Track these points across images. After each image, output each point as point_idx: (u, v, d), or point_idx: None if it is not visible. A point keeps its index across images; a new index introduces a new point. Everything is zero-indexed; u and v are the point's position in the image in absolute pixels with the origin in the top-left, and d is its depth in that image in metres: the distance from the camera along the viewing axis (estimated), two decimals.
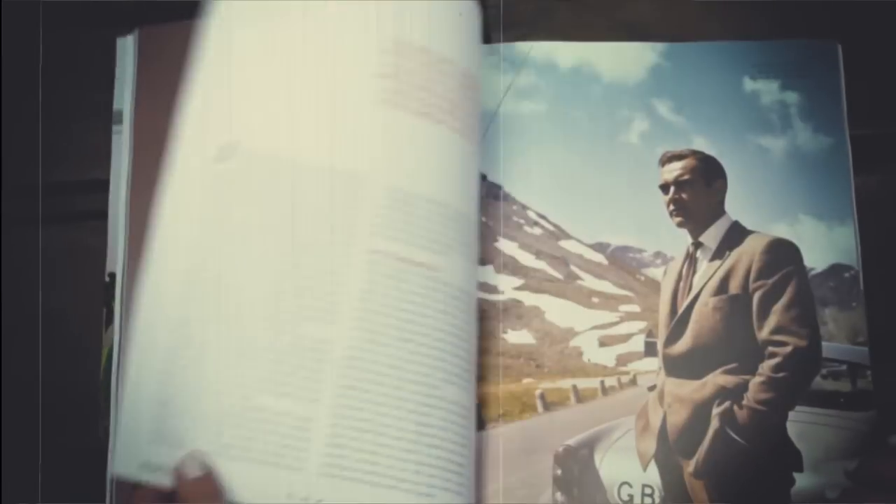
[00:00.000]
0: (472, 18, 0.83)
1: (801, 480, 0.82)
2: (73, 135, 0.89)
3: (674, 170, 0.86)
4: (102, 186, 0.84)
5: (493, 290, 0.86)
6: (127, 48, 0.88)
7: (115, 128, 0.84)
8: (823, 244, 0.86)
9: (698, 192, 0.86)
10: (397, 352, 0.76)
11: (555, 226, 0.87)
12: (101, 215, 0.84)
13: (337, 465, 0.74)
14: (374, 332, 0.75)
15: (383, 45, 0.80)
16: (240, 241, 0.76)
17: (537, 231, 0.88)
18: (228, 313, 0.76)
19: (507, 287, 0.87)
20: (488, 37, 0.91)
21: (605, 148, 0.88)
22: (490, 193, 0.87)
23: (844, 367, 0.84)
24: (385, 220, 0.77)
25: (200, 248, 0.77)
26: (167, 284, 0.76)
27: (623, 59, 0.90)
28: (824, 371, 0.84)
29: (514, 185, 0.88)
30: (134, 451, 0.75)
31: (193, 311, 0.76)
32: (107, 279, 0.83)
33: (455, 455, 0.77)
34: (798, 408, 0.82)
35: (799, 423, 0.82)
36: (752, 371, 0.83)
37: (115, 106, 0.85)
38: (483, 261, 0.87)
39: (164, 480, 0.73)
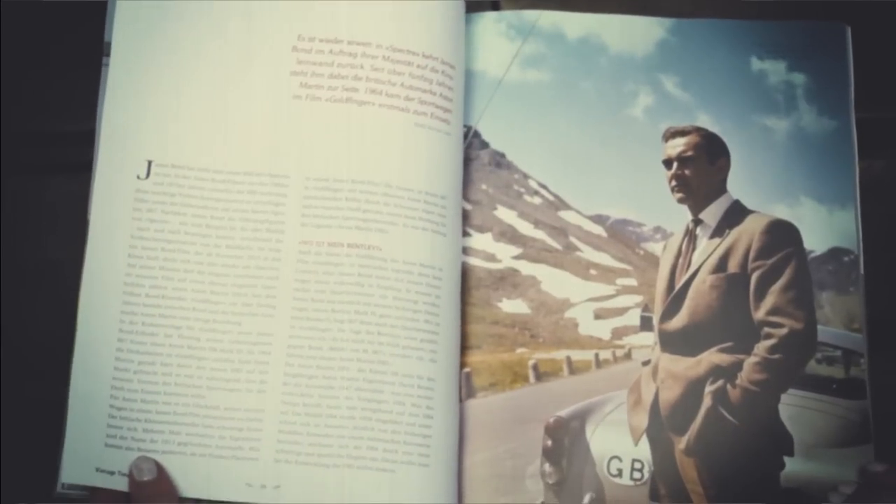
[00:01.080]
0: None
1: (792, 465, 0.81)
2: (69, 85, 0.88)
3: (677, 146, 0.86)
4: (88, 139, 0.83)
5: (490, 257, 0.86)
6: None
7: (105, 60, 0.83)
8: (823, 227, 0.86)
9: (701, 170, 0.86)
10: (339, 334, 0.78)
11: (555, 196, 0.87)
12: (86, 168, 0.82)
13: (291, 451, 0.77)
14: (312, 318, 0.79)
15: (293, 43, 0.83)
16: (174, 250, 0.79)
17: (537, 200, 0.87)
18: (171, 320, 0.78)
19: (504, 255, 0.86)
20: (497, 3, 0.91)
21: (609, 120, 0.88)
22: (492, 161, 0.87)
23: (839, 352, 0.84)
24: (312, 209, 0.80)
25: (135, 261, 0.79)
26: (107, 298, 0.79)
27: (631, 33, 0.89)
28: (819, 355, 0.83)
29: (517, 153, 0.88)
30: (87, 457, 0.77)
31: (137, 321, 0.78)
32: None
33: (417, 427, 0.78)
34: (791, 391, 0.82)
35: (791, 407, 0.82)
36: (748, 351, 0.82)
37: (106, 38, 0.83)
38: (481, 228, 0.87)
39: (120, 485, 0.76)
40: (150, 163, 0.81)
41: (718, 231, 0.85)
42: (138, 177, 0.80)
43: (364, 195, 0.80)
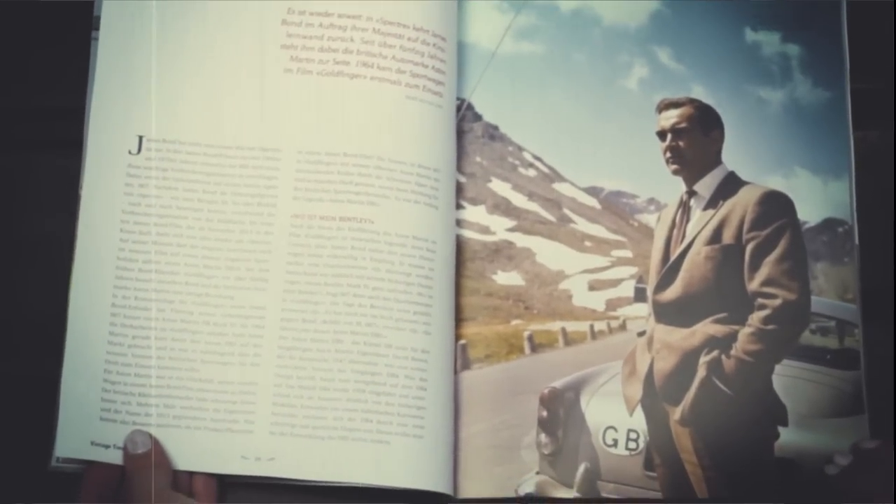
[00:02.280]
0: None
1: (786, 435, 0.81)
2: (59, 60, 0.88)
3: (671, 117, 0.86)
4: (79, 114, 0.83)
5: (484, 230, 0.86)
6: None
7: (94, 34, 0.83)
8: (818, 198, 0.86)
9: (695, 141, 0.86)
10: (332, 307, 0.79)
11: (549, 168, 0.87)
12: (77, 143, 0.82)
13: (286, 423, 0.77)
14: (305, 292, 0.79)
15: (283, 16, 0.83)
16: (166, 225, 0.80)
17: (531, 173, 0.87)
18: (164, 294, 0.79)
19: (498, 228, 0.87)
20: None
21: (603, 92, 0.88)
22: (486, 133, 0.87)
23: (833, 323, 0.84)
24: (304, 183, 0.80)
25: (127, 236, 0.80)
26: (100, 273, 0.79)
27: (624, 5, 0.90)
28: (813, 326, 0.84)
29: (510, 125, 0.88)
30: (82, 431, 0.77)
31: (129, 296, 0.79)
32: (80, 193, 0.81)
33: (410, 399, 0.79)
34: (785, 361, 0.83)
35: (785, 378, 0.82)
36: (742, 322, 0.83)
37: (96, 12, 0.83)
38: (475, 201, 0.87)
39: (115, 458, 0.76)
40: (141, 138, 0.81)
41: (712, 202, 0.85)
42: (130, 152, 0.81)
43: (356, 168, 0.81)
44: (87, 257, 0.79)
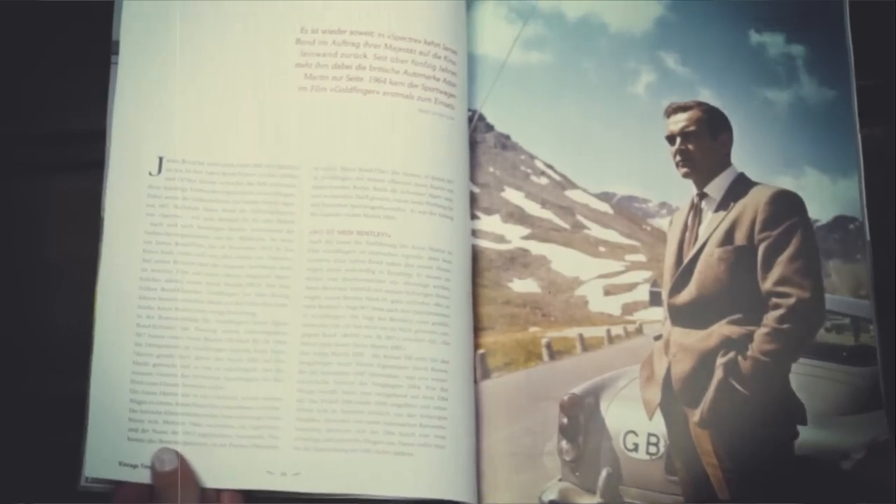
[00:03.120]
0: None
1: (805, 434, 0.82)
2: (78, 84, 0.89)
3: (679, 121, 0.87)
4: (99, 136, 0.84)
5: (499, 239, 0.86)
6: None
7: (114, 58, 0.84)
8: (828, 196, 0.86)
9: (704, 144, 0.87)
10: (352, 321, 0.79)
11: (561, 175, 0.88)
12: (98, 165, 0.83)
13: (309, 437, 0.78)
14: (325, 306, 0.79)
15: (297, 35, 0.84)
16: (187, 244, 0.80)
17: (544, 181, 0.88)
18: (187, 312, 0.79)
19: (513, 236, 0.87)
20: None
21: (611, 99, 0.89)
22: (498, 143, 0.87)
23: (847, 320, 0.85)
24: (321, 198, 0.81)
25: (150, 256, 0.80)
26: (124, 295, 0.80)
27: (630, 12, 0.90)
28: (828, 324, 0.84)
29: (522, 134, 0.88)
30: (110, 451, 0.77)
31: (154, 315, 0.79)
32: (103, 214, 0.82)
33: (432, 410, 0.79)
34: (801, 360, 0.83)
35: (802, 376, 0.83)
36: (757, 322, 0.83)
37: (115, 36, 0.84)
38: (489, 210, 0.87)
39: (143, 477, 0.77)
40: (161, 159, 0.82)
41: (723, 204, 0.86)
42: (150, 173, 0.81)
43: (372, 182, 0.81)
44: (112, 279, 0.80)
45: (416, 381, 0.79)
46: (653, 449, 0.82)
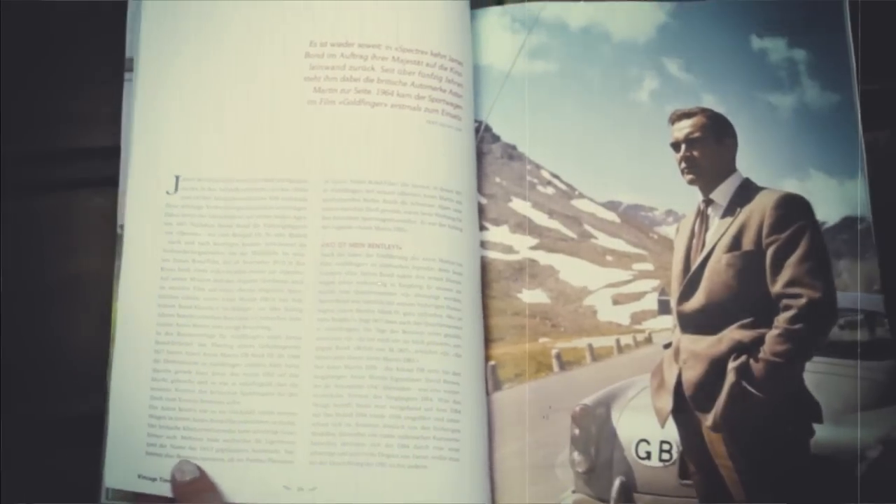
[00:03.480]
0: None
1: (821, 431, 0.82)
2: (88, 99, 0.90)
3: (684, 128, 0.87)
4: (115, 152, 0.84)
5: (507, 249, 0.86)
6: None
7: (127, 76, 0.85)
8: (834, 198, 0.86)
9: (709, 150, 0.87)
10: (365, 333, 0.80)
11: (567, 185, 0.88)
12: (114, 181, 0.84)
13: (325, 451, 0.78)
14: (338, 319, 0.80)
15: (305, 49, 0.85)
16: (203, 261, 0.81)
17: (550, 190, 0.88)
18: (204, 328, 0.80)
19: (521, 247, 0.87)
20: None
21: (615, 106, 0.89)
22: (504, 154, 0.87)
23: (861, 316, 0.84)
24: (332, 212, 0.81)
25: (167, 274, 0.81)
26: (143, 312, 0.81)
27: (633, 19, 0.90)
28: (841, 321, 0.84)
29: (528, 145, 0.88)
30: (130, 466, 0.78)
31: (172, 332, 0.80)
32: (119, 231, 0.83)
33: (445, 422, 0.79)
34: (815, 359, 0.83)
35: (816, 375, 0.83)
36: (768, 325, 0.83)
37: (128, 54, 0.86)
38: (497, 221, 0.87)
39: (162, 490, 0.77)
40: (177, 178, 0.83)
41: (730, 210, 0.86)
42: (167, 192, 0.82)
43: (382, 195, 0.82)
44: (131, 297, 0.81)
45: (429, 394, 0.79)
46: (665, 456, 0.82)
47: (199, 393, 0.79)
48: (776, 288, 0.83)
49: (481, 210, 0.86)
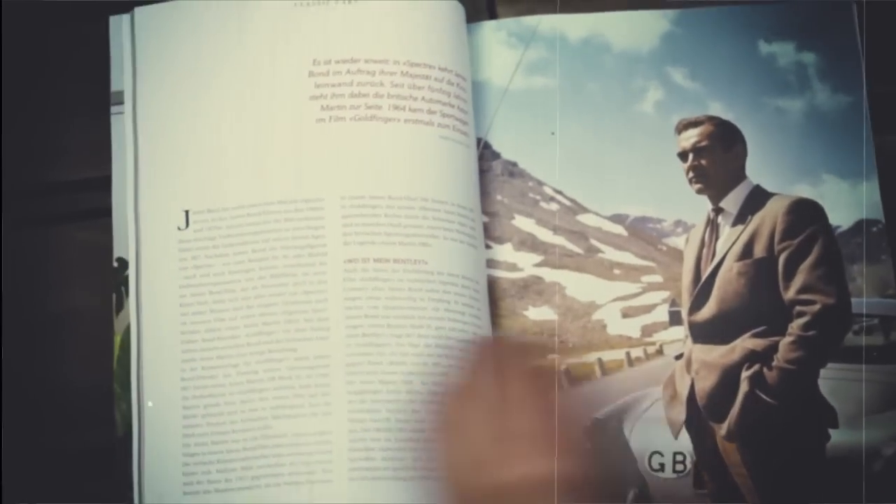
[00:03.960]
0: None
1: (837, 436, 0.82)
2: (70, 132, 0.90)
3: (691, 137, 0.86)
4: (102, 184, 0.85)
5: (512, 267, 0.86)
6: (122, 26, 0.88)
7: (114, 109, 0.86)
8: (848, 201, 0.86)
9: (717, 158, 0.86)
10: (397, 348, 0.79)
11: (571, 200, 0.87)
12: (104, 212, 0.84)
13: (365, 468, 0.77)
14: (368, 335, 0.79)
15: (309, 68, 0.84)
16: (221, 291, 0.81)
17: (554, 206, 0.88)
18: (228, 359, 0.80)
19: (526, 264, 0.87)
20: (494, 12, 0.92)
21: (619, 118, 0.89)
22: (505, 171, 0.87)
23: (876, 320, 0.84)
24: (352, 227, 0.81)
25: (187, 309, 0.81)
26: (167, 352, 0.81)
27: (634, 28, 0.90)
28: (856, 327, 0.84)
29: (529, 161, 0.88)
30: None
31: (196, 367, 0.80)
32: (115, 264, 0.84)
33: None
34: (830, 365, 0.82)
35: (831, 381, 0.82)
36: (781, 332, 0.83)
37: (114, 87, 0.86)
38: (500, 239, 0.87)
39: None
40: (187, 212, 0.83)
41: (741, 218, 0.85)
42: (178, 228, 0.82)
43: (404, 210, 0.81)
44: (153, 338, 0.81)
45: None
46: (679, 467, 0.82)
47: (229, 424, 0.79)
48: (789, 294, 0.82)
49: (485, 228, 0.86)
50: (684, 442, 0.83)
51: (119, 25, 0.88)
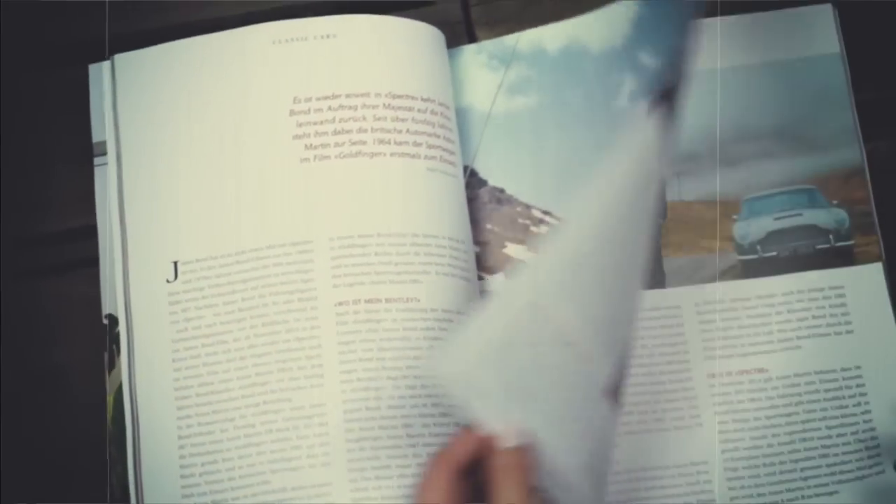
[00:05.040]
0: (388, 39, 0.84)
1: None
2: (53, 182, 0.87)
3: None
4: (89, 233, 0.83)
5: None
6: (102, 73, 0.85)
7: (97, 160, 0.83)
8: None
9: None
10: (394, 391, 0.78)
11: (560, 220, 0.85)
12: (92, 262, 0.83)
13: None
14: (363, 379, 0.78)
15: (289, 107, 0.82)
16: (213, 343, 0.79)
17: (544, 229, 0.86)
18: (223, 413, 0.78)
19: None
20: (473, 36, 0.89)
21: (599, 120, 0.86)
22: (492, 198, 0.86)
23: None
24: (342, 269, 0.79)
25: (180, 364, 0.79)
26: (162, 409, 0.79)
27: (608, 23, 0.87)
28: None
29: (515, 185, 0.86)
30: None
31: (192, 423, 0.79)
32: (104, 321, 0.82)
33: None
34: None
35: None
36: None
37: (95, 138, 0.84)
38: (493, 269, 0.86)
39: None
40: (175, 264, 0.81)
41: None
42: (167, 281, 0.81)
43: (393, 248, 0.80)
44: (149, 396, 0.80)
45: None
46: None
47: (228, 481, 0.78)
48: None
49: (476, 259, 0.84)
50: None
51: (98, 73, 0.85)
